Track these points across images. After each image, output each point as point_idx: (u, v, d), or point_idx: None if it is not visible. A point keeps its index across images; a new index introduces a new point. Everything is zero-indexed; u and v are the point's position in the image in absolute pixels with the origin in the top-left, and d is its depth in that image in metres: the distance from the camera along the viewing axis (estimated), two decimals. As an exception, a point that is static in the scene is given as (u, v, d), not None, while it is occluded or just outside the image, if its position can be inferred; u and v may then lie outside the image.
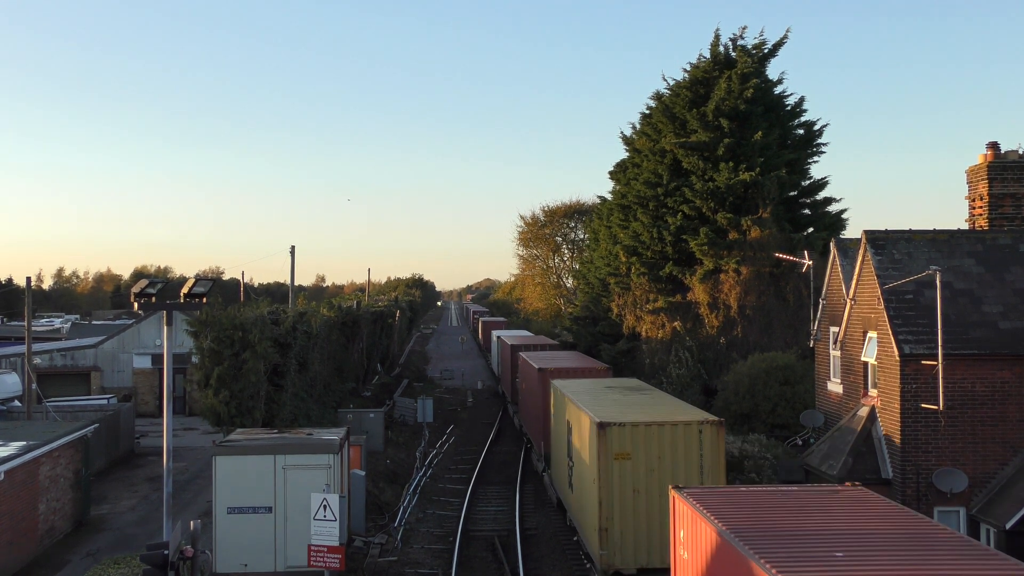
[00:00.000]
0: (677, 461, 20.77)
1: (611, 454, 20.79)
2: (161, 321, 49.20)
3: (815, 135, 49.30)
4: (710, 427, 21.01)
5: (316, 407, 39.20)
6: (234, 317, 30.86)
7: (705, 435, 20.89)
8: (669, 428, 20.95)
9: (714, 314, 44.95)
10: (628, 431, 20.89)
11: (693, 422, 21.05)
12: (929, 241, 22.45)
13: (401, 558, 25.96)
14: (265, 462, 22.83)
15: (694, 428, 20.92)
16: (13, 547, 23.65)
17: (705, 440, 20.86)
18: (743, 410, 35.30)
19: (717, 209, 45.98)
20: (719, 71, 48.37)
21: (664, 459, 20.80)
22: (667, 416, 21.85)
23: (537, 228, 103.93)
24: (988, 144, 23.57)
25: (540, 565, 25.63)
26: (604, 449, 20.83)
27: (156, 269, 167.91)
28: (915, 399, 20.54)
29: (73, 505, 27.93)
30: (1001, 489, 20.17)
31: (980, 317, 21.07)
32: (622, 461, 20.75)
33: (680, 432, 20.92)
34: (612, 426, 20.90)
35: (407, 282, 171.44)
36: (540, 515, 31.20)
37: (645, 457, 20.83)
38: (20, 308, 60.66)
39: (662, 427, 20.96)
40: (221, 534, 22.53)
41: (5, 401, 42.79)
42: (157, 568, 16.59)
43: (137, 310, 59.31)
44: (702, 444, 20.83)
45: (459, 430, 49.98)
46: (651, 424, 21.02)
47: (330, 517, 19.81)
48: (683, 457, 20.82)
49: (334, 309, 50.85)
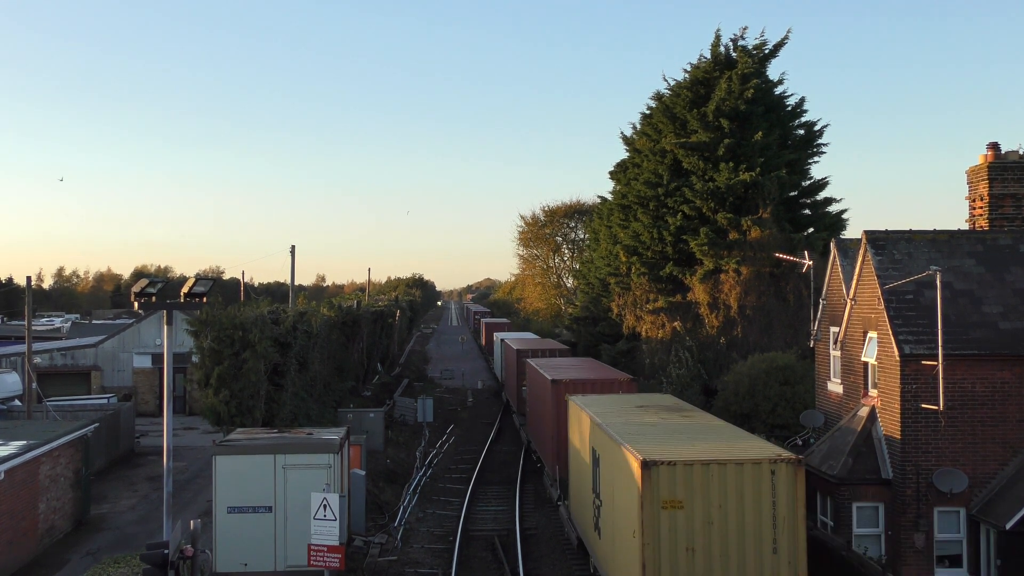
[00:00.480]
0: (744, 510, 16.64)
1: (658, 501, 16.61)
2: (161, 321, 49.21)
3: (815, 135, 49.31)
4: (785, 467, 16.73)
5: (316, 407, 39.20)
6: (234, 317, 30.86)
7: (780, 477, 16.66)
8: (733, 468, 16.72)
9: (714, 314, 44.95)
10: (680, 472, 16.66)
11: (763, 460, 16.79)
12: (929, 241, 22.45)
13: (401, 558, 25.96)
14: (265, 462, 22.84)
15: (764, 468, 16.73)
16: (13, 546, 23.66)
17: (780, 484, 16.65)
18: (743, 410, 35.26)
19: (717, 209, 45.98)
20: (720, 71, 48.38)
21: (725, 508, 16.68)
22: (728, 451, 17.56)
23: (537, 228, 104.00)
24: (988, 144, 23.57)
25: (540, 565, 25.64)
26: (649, 495, 16.58)
27: (156, 269, 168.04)
28: (915, 399, 20.54)
29: (73, 504, 27.93)
30: (1001, 489, 20.18)
31: (980, 317, 21.07)
32: (672, 511, 16.61)
33: (747, 474, 16.71)
34: (659, 465, 16.64)
35: (407, 282, 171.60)
36: (540, 515, 31.21)
37: (702, 506, 16.67)
38: (20, 307, 60.68)
39: (723, 467, 16.72)
40: (221, 533, 22.54)
41: (5, 400, 42.79)
42: (157, 567, 16.60)
43: (137, 309, 59.32)
44: (775, 489, 16.63)
45: (459, 430, 49.99)
46: (709, 463, 16.77)
47: (330, 517, 19.82)
48: (751, 506, 16.67)
49: (334, 309, 50.86)
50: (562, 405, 29.93)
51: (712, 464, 16.72)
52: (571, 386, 31.54)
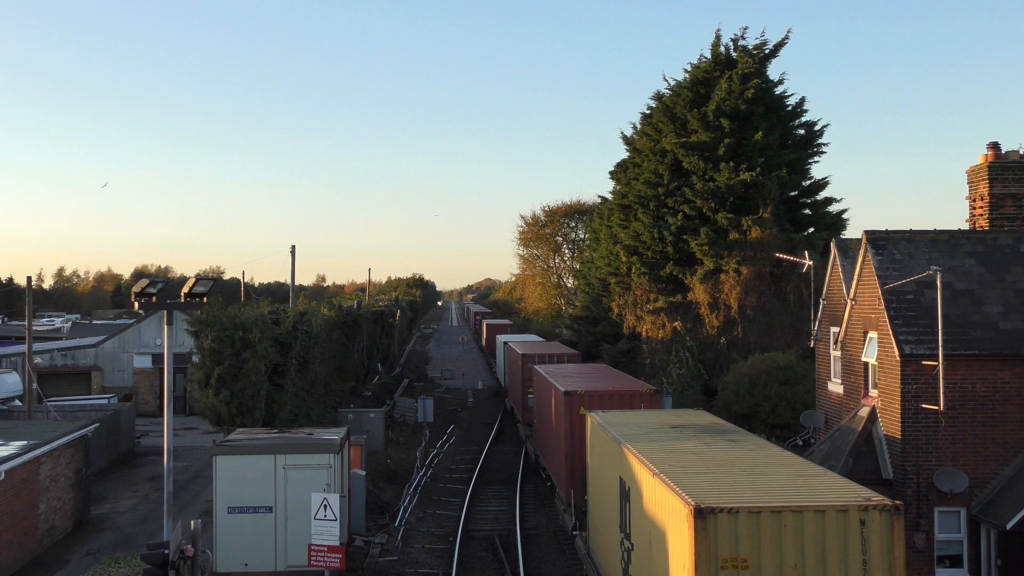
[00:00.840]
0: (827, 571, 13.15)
1: (716, 559, 13.09)
2: (161, 321, 49.16)
3: (816, 135, 49.32)
4: (878, 516, 13.25)
5: (316, 407, 39.20)
6: (235, 317, 30.87)
7: (871, 529, 13.20)
8: (812, 517, 13.21)
9: (714, 314, 44.95)
10: (743, 521, 13.12)
11: (850, 507, 13.29)
12: (930, 241, 22.44)
13: (401, 558, 25.97)
14: (265, 462, 22.85)
15: (852, 518, 13.21)
16: (14, 546, 23.67)
17: (871, 537, 13.18)
18: (743, 410, 35.28)
19: (718, 209, 45.98)
20: (720, 71, 48.38)
21: (803, 568, 13.18)
22: (800, 493, 14.18)
23: (538, 228, 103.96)
24: (989, 144, 23.54)
25: (540, 565, 25.65)
26: (705, 551, 13.05)
27: (157, 269, 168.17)
28: (916, 399, 20.53)
29: (74, 504, 27.94)
30: (1002, 489, 20.17)
31: (981, 317, 21.05)
32: (735, 572, 13.13)
33: (830, 524, 13.20)
34: (718, 513, 13.09)
35: (407, 282, 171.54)
36: (540, 515, 31.22)
37: (772, 564, 13.17)
38: (21, 308, 60.67)
39: (799, 515, 13.20)
40: (222, 533, 22.55)
41: (6, 400, 42.81)
42: (158, 567, 16.58)
43: (138, 310, 59.29)
44: (866, 544, 13.16)
45: (459, 430, 50.01)
46: (781, 510, 13.25)
47: (330, 517, 19.82)
48: (836, 565, 13.16)
49: (335, 309, 50.86)
50: (577, 421, 27.11)
51: (785, 512, 13.26)
52: (587, 399, 28.04)
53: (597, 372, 36.05)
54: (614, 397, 28.32)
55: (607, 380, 31.93)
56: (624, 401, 28.12)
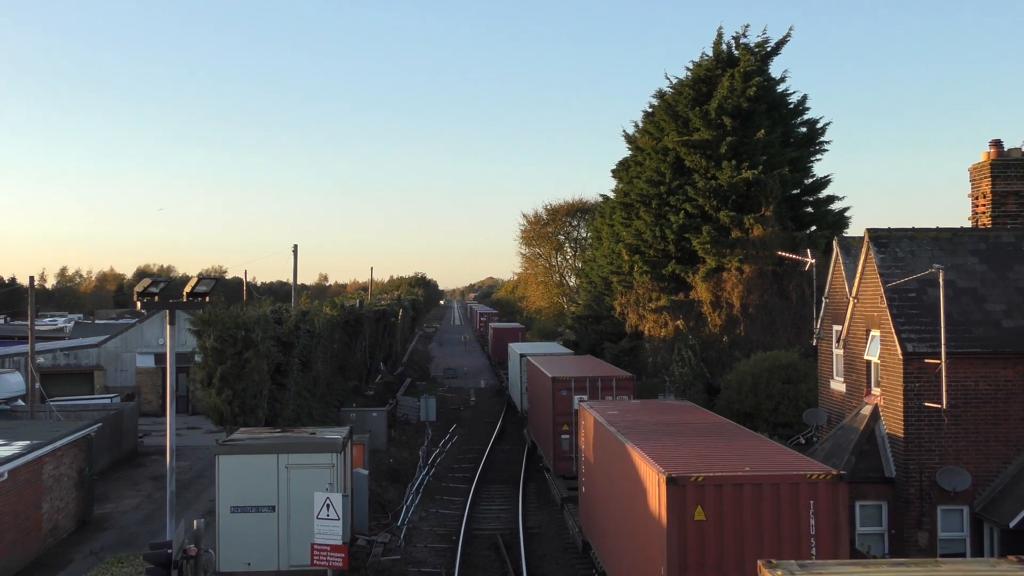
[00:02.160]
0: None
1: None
2: (164, 320, 49.13)
3: (818, 133, 49.30)
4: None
5: (319, 406, 39.21)
6: (237, 316, 30.87)
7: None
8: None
9: (717, 312, 44.94)
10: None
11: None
12: (932, 239, 22.41)
13: (404, 557, 25.98)
14: (268, 461, 22.84)
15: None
16: (17, 546, 23.69)
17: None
18: (746, 409, 35.27)
19: (720, 207, 45.97)
20: (722, 69, 48.35)
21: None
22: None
23: (540, 227, 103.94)
24: (991, 142, 23.51)
25: (543, 564, 25.65)
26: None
27: (159, 268, 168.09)
28: (918, 398, 20.51)
29: (77, 504, 27.96)
30: (1004, 488, 20.15)
31: (983, 315, 21.03)
32: None
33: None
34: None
35: (410, 281, 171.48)
36: (543, 514, 31.22)
37: None
38: (23, 307, 60.71)
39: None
40: (224, 533, 22.55)
41: (9, 400, 42.83)
42: (161, 567, 16.59)
43: (140, 309, 59.04)
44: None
45: (462, 429, 49.99)
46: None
47: (333, 516, 19.83)
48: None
49: (337, 308, 50.86)
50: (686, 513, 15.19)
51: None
52: (712, 490, 15.26)
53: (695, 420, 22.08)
54: (761, 481, 15.49)
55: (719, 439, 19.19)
56: (774, 482, 15.53)
